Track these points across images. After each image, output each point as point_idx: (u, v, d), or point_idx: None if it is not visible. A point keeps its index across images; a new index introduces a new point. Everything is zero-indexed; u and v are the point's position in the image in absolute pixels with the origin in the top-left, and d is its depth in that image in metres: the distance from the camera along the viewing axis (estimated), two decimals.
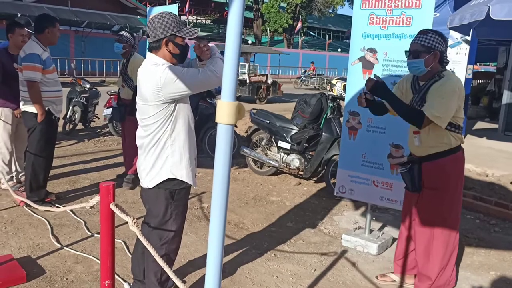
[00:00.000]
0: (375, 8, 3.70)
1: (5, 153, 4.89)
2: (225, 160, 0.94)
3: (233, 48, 0.92)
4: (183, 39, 2.54)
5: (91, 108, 8.74)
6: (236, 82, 0.99)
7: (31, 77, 4.21)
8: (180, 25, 2.49)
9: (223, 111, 0.94)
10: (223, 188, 0.94)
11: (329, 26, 52.63)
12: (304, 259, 3.74)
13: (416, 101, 2.98)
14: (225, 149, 0.94)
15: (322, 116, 5.83)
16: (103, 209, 1.41)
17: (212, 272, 1.00)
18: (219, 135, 0.95)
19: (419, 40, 2.90)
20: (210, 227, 0.96)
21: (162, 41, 2.48)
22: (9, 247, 3.62)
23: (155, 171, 2.60)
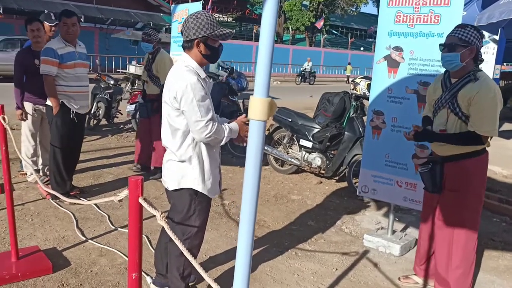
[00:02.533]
0: (402, 6, 3.64)
1: (29, 146, 5.01)
2: (257, 156, 0.94)
3: (267, 45, 0.92)
4: (216, 41, 2.54)
5: (114, 104, 8.87)
6: (270, 78, 0.99)
7: (45, 70, 4.32)
8: (213, 27, 2.48)
9: (255, 107, 0.94)
10: (254, 184, 0.94)
11: (351, 24, 52.17)
12: (325, 258, 3.72)
13: (445, 99, 2.90)
14: (257, 145, 0.94)
15: (345, 115, 5.79)
16: (131, 203, 1.42)
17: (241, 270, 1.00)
18: (251, 131, 0.95)
19: (457, 33, 2.81)
20: (240, 222, 0.97)
21: (194, 42, 2.49)
22: (36, 239, 3.70)
23: (178, 177, 2.64)
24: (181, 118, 2.52)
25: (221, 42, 2.59)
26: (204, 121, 2.44)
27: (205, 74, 2.59)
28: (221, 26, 2.54)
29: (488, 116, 2.74)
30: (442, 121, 2.96)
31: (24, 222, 3.99)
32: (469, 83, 2.81)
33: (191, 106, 2.44)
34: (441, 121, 2.96)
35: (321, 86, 24.19)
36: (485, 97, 2.73)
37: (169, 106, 2.55)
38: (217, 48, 2.57)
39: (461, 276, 3.02)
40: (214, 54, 2.58)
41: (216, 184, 2.75)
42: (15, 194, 4.60)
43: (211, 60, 2.60)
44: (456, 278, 3.02)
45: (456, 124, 2.87)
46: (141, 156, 5.70)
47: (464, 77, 2.84)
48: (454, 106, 2.86)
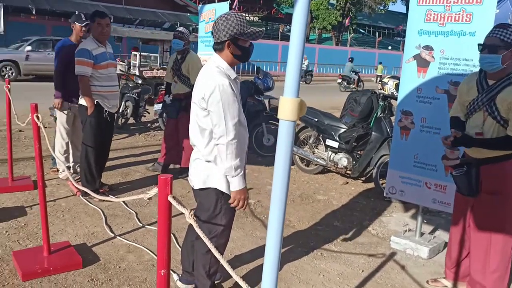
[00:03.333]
0: (433, 4, 3.58)
1: (62, 143, 5.14)
2: (286, 156, 0.94)
3: (297, 45, 0.92)
4: (246, 41, 2.54)
5: (142, 103, 9.01)
6: (300, 79, 0.99)
7: (80, 71, 4.41)
8: (243, 27, 2.48)
9: (285, 107, 0.94)
10: (283, 184, 0.95)
11: (379, 23, 51.49)
12: (351, 259, 3.69)
13: (482, 101, 2.81)
14: (287, 145, 0.94)
15: (372, 115, 5.72)
16: (161, 200, 1.45)
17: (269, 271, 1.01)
18: (281, 131, 0.95)
19: (498, 34, 2.70)
20: (269, 223, 0.97)
21: (225, 43, 2.50)
22: (67, 234, 3.80)
23: (204, 176, 2.65)
24: (208, 118, 2.53)
25: (251, 42, 2.59)
26: (227, 125, 2.44)
27: (236, 74, 2.60)
28: (251, 26, 2.54)
29: None
30: (477, 124, 2.87)
31: (55, 218, 4.10)
32: (509, 86, 2.71)
33: (217, 107, 2.44)
34: (477, 124, 2.87)
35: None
36: None
37: (197, 106, 2.57)
38: (248, 48, 2.58)
39: (498, 280, 2.95)
40: (245, 54, 2.58)
41: None
42: (47, 190, 4.71)
43: (242, 60, 2.61)
44: (493, 282, 2.95)
45: (494, 127, 2.79)
46: (167, 156, 5.76)
47: (504, 79, 2.74)
48: (492, 109, 2.77)
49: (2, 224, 3.87)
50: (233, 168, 2.49)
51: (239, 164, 2.51)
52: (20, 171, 5.37)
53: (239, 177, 2.54)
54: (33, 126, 3.17)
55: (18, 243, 3.57)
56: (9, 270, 3.14)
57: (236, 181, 2.54)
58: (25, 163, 5.72)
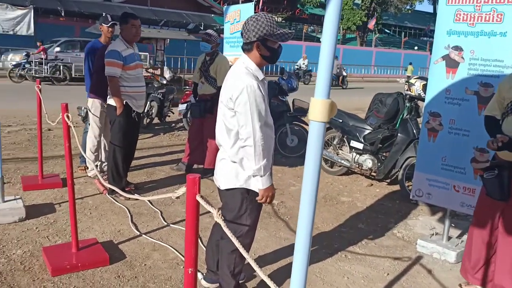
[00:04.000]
0: (463, 4, 3.51)
1: (94, 142, 5.24)
2: (316, 157, 0.94)
3: (329, 47, 0.92)
4: (275, 42, 2.54)
5: (167, 103, 9.11)
6: (331, 80, 0.99)
7: (110, 72, 4.48)
8: (273, 28, 2.48)
9: (316, 108, 0.94)
10: (313, 185, 0.94)
11: (405, 23, 50.74)
12: (376, 262, 3.65)
13: None
14: (317, 147, 0.94)
15: (398, 116, 5.64)
16: (189, 200, 1.46)
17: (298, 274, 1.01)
18: (311, 132, 0.95)
19: None
20: (298, 224, 0.97)
21: (254, 44, 2.51)
22: (94, 231, 3.87)
23: (230, 177, 2.67)
24: (235, 119, 2.54)
25: (280, 44, 2.59)
26: (253, 127, 2.45)
27: (263, 75, 2.60)
28: (280, 29, 2.53)
29: None
30: None
31: (83, 215, 4.19)
32: None
33: (245, 109, 2.45)
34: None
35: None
36: None
37: (225, 106, 2.58)
38: (276, 49, 2.58)
39: None
40: (274, 55, 2.59)
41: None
42: (75, 188, 4.78)
43: (270, 61, 2.61)
44: None
45: None
46: (191, 156, 5.81)
47: None
48: None
49: (33, 221, 3.98)
50: (261, 169, 2.51)
51: (266, 164, 2.52)
52: (49, 169, 5.50)
53: (267, 176, 2.56)
54: (63, 125, 3.25)
55: (48, 239, 3.66)
56: (39, 265, 3.22)
57: (264, 180, 2.56)
58: (54, 161, 5.87)
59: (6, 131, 7.47)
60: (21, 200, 4.11)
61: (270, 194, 2.61)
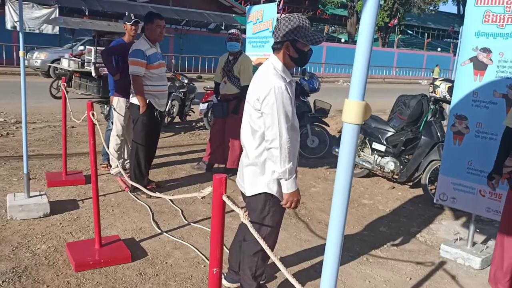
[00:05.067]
0: (492, 5, 3.43)
1: (118, 140, 5.30)
2: (350, 159, 0.93)
3: (365, 48, 0.90)
4: (306, 45, 2.50)
5: (188, 102, 9.16)
6: (366, 82, 0.97)
7: (134, 71, 4.51)
8: (305, 30, 2.45)
9: (350, 110, 0.93)
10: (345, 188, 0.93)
11: (428, 24, 50.01)
12: (398, 266, 3.60)
13: None
14: (350, 149, 0.92)
15: (422, 118, 5.55)
16: (215, 200, 1.46)
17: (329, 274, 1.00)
18: (344, 135, 0.93)
19: None
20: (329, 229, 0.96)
21: (284, 44, 2.48)
22: (116, 228, 3.92)
23: (254, 182, 2.65)
24: (261, 120, 2.51)
25: (311, 47, 2.54)
26: (280, 129, 2.40)
27: (291, 77, 2.57)
28: (313, 31, 2.49)
29: None
30: None
31: (105, 212, 4.24)
32: None
33: (271, 110, 2.41)
34: None
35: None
36: None
37: (251, 106, 2.57)
38: (306, 52, 2.53)
39: None
40: (302, 58, 2.53)
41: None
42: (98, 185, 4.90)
43: (298, 64, 2.57)
44: None
45: None
46: (212, 155, 5.82)
47: None
48: None
49: (57, 216, 4.04)
50: (287, 172, 2.47)
51: (292, 167, 2.49)
52: (72, 165, 5.59)
53: (292, 179, 2.52)
54: (88, 123, 3.29)
55: (71, 235, 3.72)
56: (62, 261, 3.27)
57: (289, 184, 2.52)
58: (77, 158, 5.96)
59: (31, 127, 7.62)
60: (45, 196, 4.18)
61: (295, 199, 2.57)
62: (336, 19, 44.39)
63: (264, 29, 6.28)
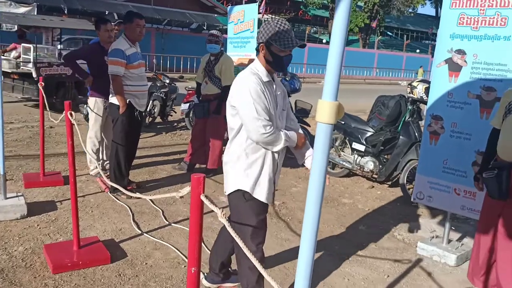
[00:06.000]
0: (467, 8, 3.51)
1: (95, 142, 5.25)
2: (323, 159, 0.95)
3: (337, 49, 0.93)
4: (281, 49, 2.48)
5: (169, 102, 9.11)
6: (339, 82, 0.99)
7: (114, 71, 4.48)
8: (280, 34, 2.45)
9: (324, 110, 0.95)
10: (319, 187, 0.95)
11: (407, 26, 50.75)
12: (376, 264, 3.66)
13: None
14: (324, 148, 0.95)
15: (400, 119, 5.65)
16: (193, 199, 1.47)
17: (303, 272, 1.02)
18: (318, 134, 0.96)
19: None
20: (303, 228, 0.98)
21: (260, 45, 2.55)
22: (95, 230, 3.88)
23: (227, 180, 2.70)
24: (236, 118, 2.57)
25: (290, 53, 2.54)
26: (260, 120, 2.42)
27: (270, 78, 2.58)
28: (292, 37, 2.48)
29: None
30: None
31: (84, 213, 4.19)
32: None
33: (245, 103, 2.45)
34: None
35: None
36: None
37: (228, 104, 2.62)
38: (281, 57, 2.52)
39: None
40: (278, 62, 2.54)
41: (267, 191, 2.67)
42: (77, 186, 4.83)
43: (275, 68, 2.58)
44: None
45: None
46: (194, 156, 5.81)
47: None
48: None
49: (34, 218, 3.99)
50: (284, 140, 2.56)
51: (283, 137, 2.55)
52: (51, 166, 5.51)
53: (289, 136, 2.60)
54: (66, 123, 3.25)
55: (49, 237, 3.67)
56: (40, 263, 3.23)
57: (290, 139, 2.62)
58: (55, 159, 5.87)
59: (8, 128, 7.48)
60: (23, 197, 4.12)
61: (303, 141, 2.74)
62: (318, 20, 44.68)
63: (245, 30, 6.30)
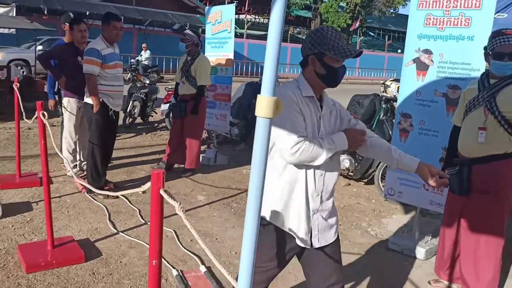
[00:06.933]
0: (433, 9, 3.62)
1: (70, 142, 5.25)
2: (262, 151, 1.01)
3: (274, 46, 0.99)
4: (336, 60, 2.06)
5: (150, 103, 9.12)
6: (276, 78, 1.05)
7: (88, 70, 4.51)
8: (333, 42, 2.04)
9: (262, 105, 1.01)
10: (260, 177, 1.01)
11: (389, 26, 51.29)
12: (349, 259, 3.74)
13: (483, 98, 2.88)
14: (263, 141, 1.01)
15: (374, 117, 5.76)
16: (153, 194, 1.52)
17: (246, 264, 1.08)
18: (258, 128, 1.01)
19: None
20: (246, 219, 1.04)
21: (309, 58, 2.11)
22: (71, 229, 3.89)
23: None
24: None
25: (343, 64, 2.13)
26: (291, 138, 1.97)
27: (313, 94, 2.12)
28: (345, 44, 2.09)
29: None
30: (479, 120, 2.89)
31: (60, 213, 4.20)
32: (510, 85, 2.79)
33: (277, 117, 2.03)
34: (478, 120, 2.90)
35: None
36: None
37: None
38: (336, 69, 2.09)
39: (490, 282, 2.99)
40: (332, 75, 2.10)
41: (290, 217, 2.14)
42: (53, 187, 4.85)
43: (328, 82, 2.12)
44: (485, 284, 2.99)
45: (494, 124, 2.83)
46: (172, 155, 5.85)
47: (506, 78, 2.81)
48: (491, 105, 2.83)
49: (9, 219, 3.98)
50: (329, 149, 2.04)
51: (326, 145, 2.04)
52: (28, 168, 5.49)
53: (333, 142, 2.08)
54: (39, 123, 3.27)
55: (24, 237, 3.67)
56: (14, 263, 3.24)
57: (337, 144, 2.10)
58: (33, 160, 5.85)
59: None
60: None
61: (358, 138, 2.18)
62: (301, 20, 44.90)
63: (223, 30, 6.34)
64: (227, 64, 6.33)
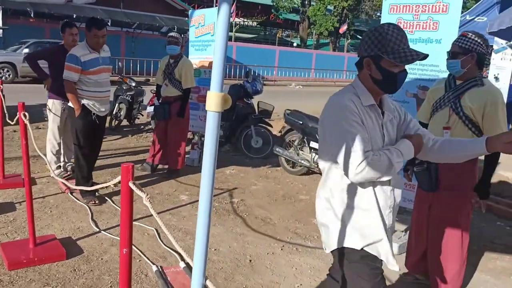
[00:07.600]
0: (403, 13, 3.77)
1: (54, 143, 5.31)
2: (213, 144, 1.11)
3: (221, 45, 1.09)
4: (395, 64, 1.88)
5: (136, 105, 9.17)
6: (223, 76, 1.17)
7: (66, 76, 4.51)
8: (394, 44, 1.86)
9: (212, 100, 1.12)
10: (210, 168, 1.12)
11: None
12: (325, 254, 3.85)
13: (448, 98, 3.02)
14: (213, 133, 1.11)
15: None
16: (123, 186, 1.62)
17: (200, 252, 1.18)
18: (208, 121, 1.12)
19: (458, 42, 2.96)
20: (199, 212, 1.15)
21: (364, 60, 1.95)
22: (53, 229, 3.97)
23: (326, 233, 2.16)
24: (327, 147, 1.99)
25: (405, 69, 1.94)
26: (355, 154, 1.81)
27: (373, 102, 1.96)
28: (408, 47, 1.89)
29: (502, 121, 2.88)
30: (443, 120, 3.04)
31: (43, 213, 4.27)
32: (474, 87, 2.93)
33: (334, 131, 1.88)
34: (443, 120, 3.04)
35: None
36: (496, 105, 2.86)
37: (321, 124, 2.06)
38: (395, 74, 1.90)
39: (455, 275, 3.12)
40: (390, 81, 1.92)
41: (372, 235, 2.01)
42: (37, 188, 4.91)
43: (384, 88, 1.95)
44: (450, 277, 3.12)
45: (458, 124, 2.97)
46: (156, 156, 5.93)
47: (470, 80, 2.96)
48: (456, 105, 2.97)
49: None
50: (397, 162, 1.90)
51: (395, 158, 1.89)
52: (12, 169, 5.54)
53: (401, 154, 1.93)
54: (20, 124, 3.35)
55: (7, 236, 3.74)
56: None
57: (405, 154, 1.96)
58: (17, 162, 5.88)
59: None
60: None
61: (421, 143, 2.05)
62: (289, 23, 45.24)
63: (206, 33, 6.46)
64: (210, 66, 6.44)
